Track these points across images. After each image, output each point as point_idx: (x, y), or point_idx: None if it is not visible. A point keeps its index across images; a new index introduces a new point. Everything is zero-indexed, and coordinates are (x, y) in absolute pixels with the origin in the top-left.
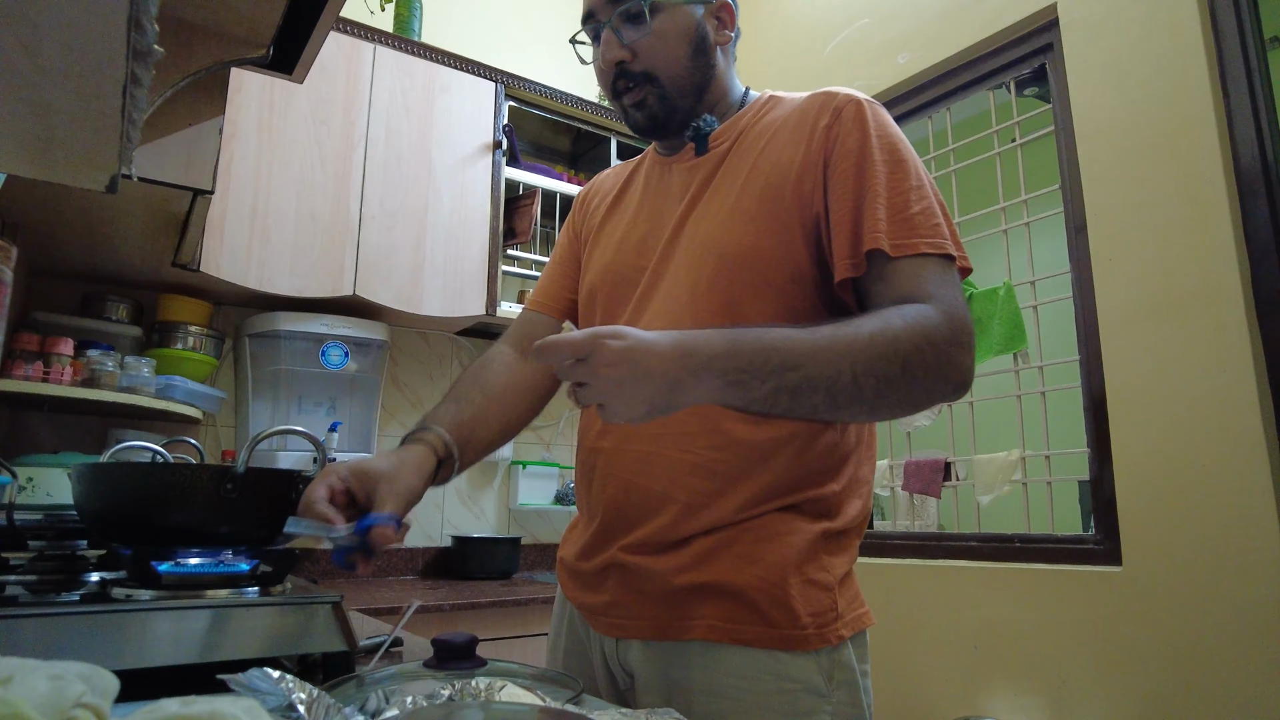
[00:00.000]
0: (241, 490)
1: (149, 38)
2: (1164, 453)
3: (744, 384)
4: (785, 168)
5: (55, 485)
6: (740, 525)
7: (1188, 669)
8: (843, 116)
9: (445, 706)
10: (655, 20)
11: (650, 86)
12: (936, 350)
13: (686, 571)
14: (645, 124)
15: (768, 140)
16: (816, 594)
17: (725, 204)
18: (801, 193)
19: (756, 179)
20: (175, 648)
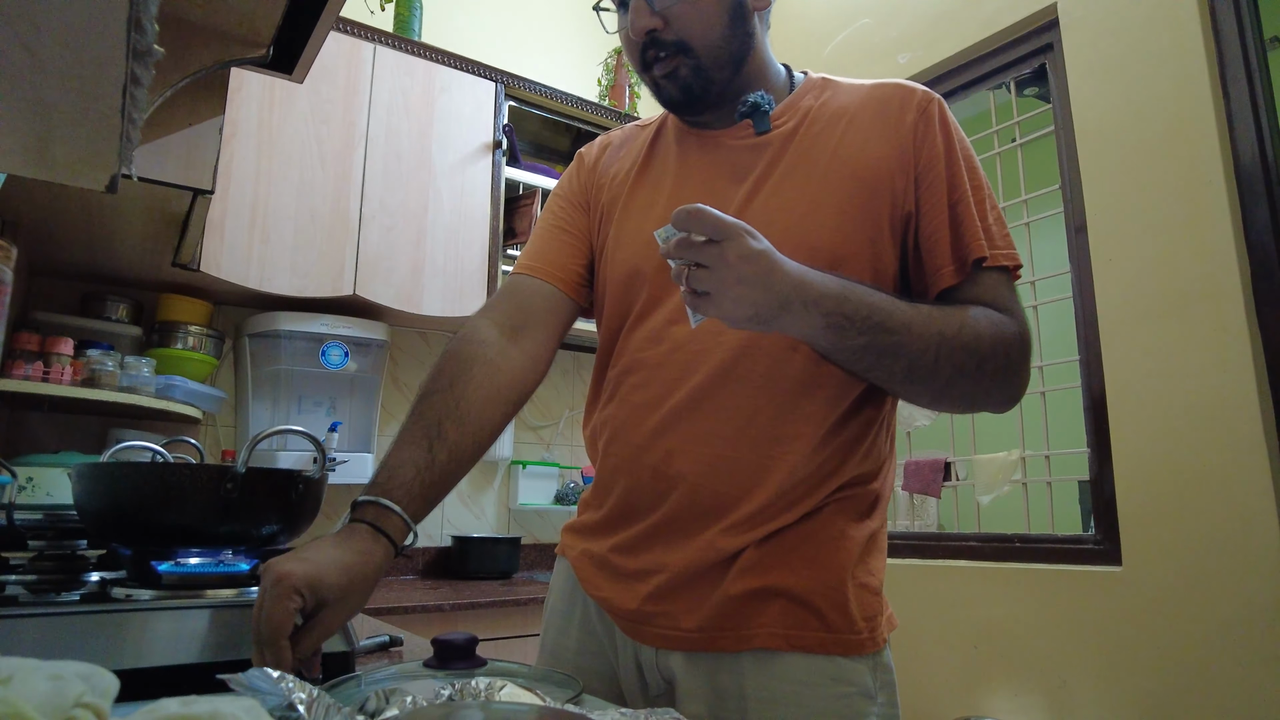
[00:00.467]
0: (241, 490)
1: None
2: (1164, 453)
3: (842, 329)
4: (875, 162)
5: (55, 485)
6: (797, 529)
7: (1187, 669)
8: (928, 115)
9: (445, 706)
10: None
11: (684, 57)
12: (1009, 359)
13: (745, 577)
14: (679, 97)
15: (844, 129)
16: (868, 597)
17: (805, 193)
18: (895, 190)
19: (840, 170)
20: (175, 648)
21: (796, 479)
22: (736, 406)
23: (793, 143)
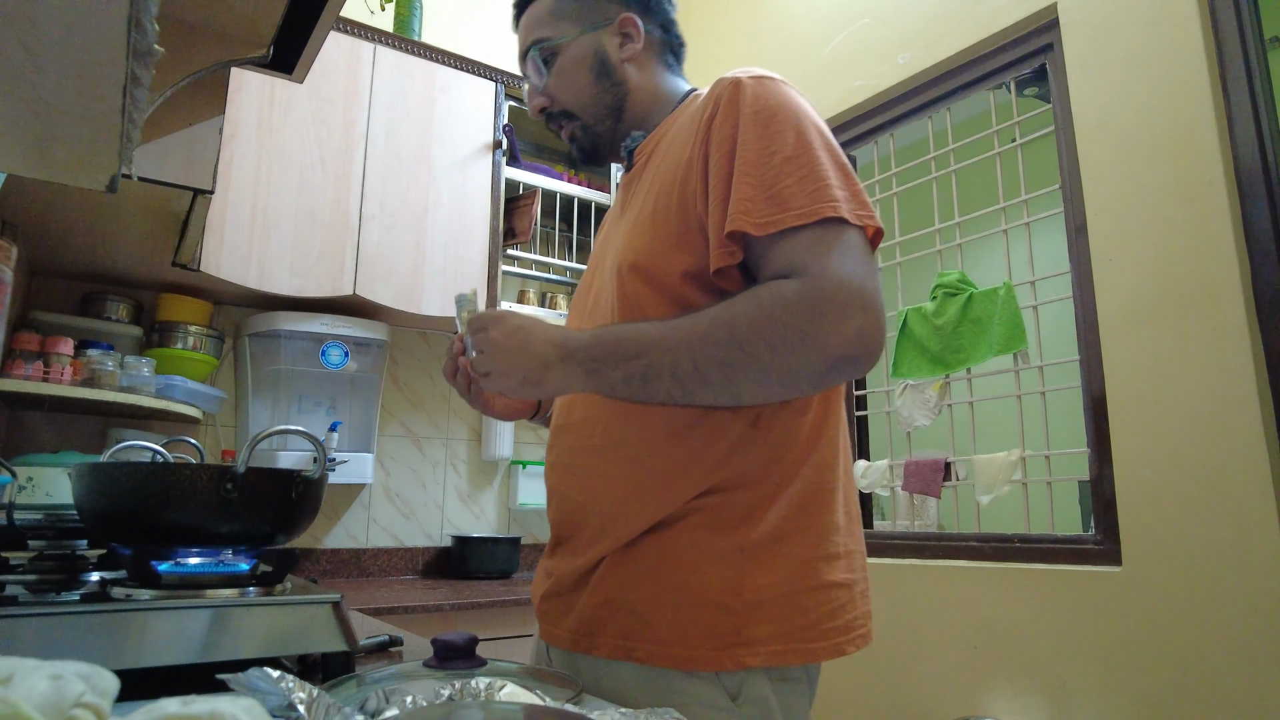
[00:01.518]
0: (241, 490)
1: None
2: (1164, 453)
3: (599, 372)
4: (673, 171)
5: (55, 485)
6: (649, 539)
7: (1187, 669)
8: (720, 103)
9: (445, 706)
10: (554, 63)
11: (571, 122)
12: (782, 327)
13: (599, 587)
14: (580, 155)
15: (669, 147)
16: (714, 615)
17: (631, 216)
18: (685, 194)
19: (654, 188)
20: (175, 647)
21: (631, 486)
22: (589, 423)
23: (645, 169)
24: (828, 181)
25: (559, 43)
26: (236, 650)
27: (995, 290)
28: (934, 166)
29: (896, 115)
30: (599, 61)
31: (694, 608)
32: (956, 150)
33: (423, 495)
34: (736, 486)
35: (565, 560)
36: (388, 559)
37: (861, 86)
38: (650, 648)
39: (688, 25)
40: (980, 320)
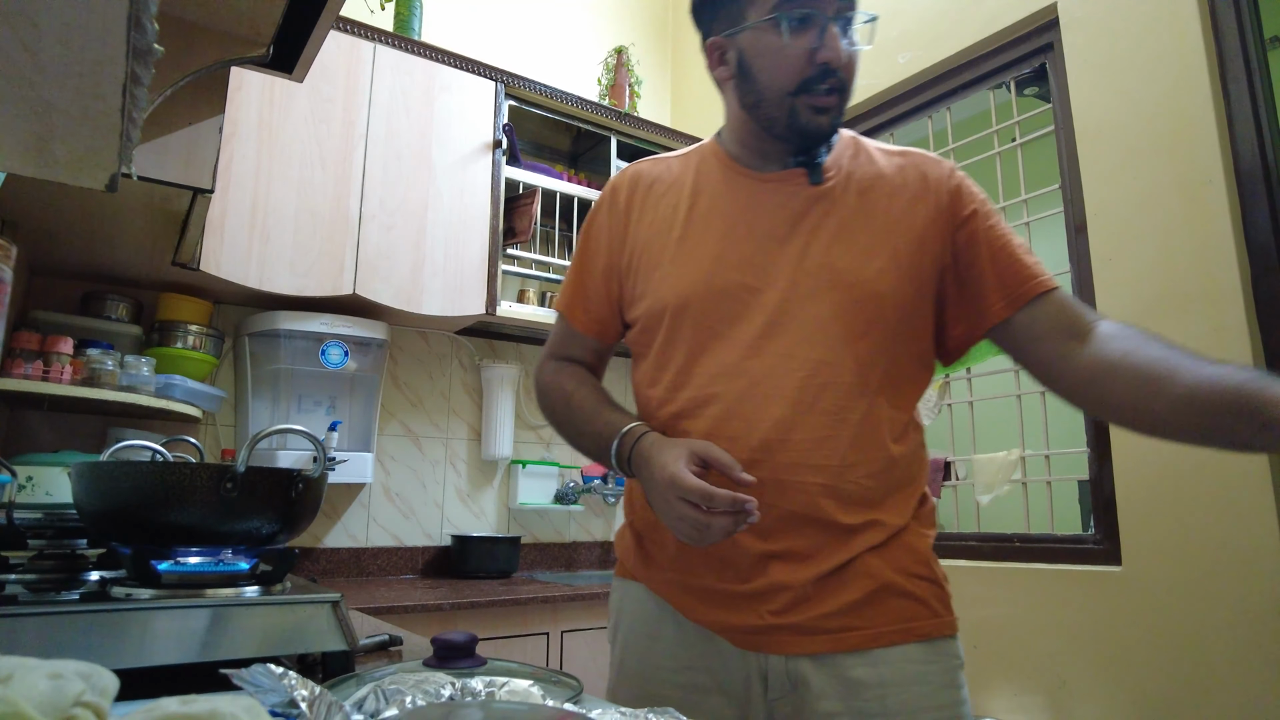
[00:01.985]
0: (241, 489)
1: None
2: (1164, 453)
3: None
4: (920, 225)
5: (55, 484)
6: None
7: (1187, 669)
8: (956, 183)
9: (445, 706)
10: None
11: (840, 99)
12: None
13: (862, 582)
14: (826, 132)
15: (889, 192)
16: (942, 586)
17: (861, 245)
18: (935, 250)
19: (892, 228)
20: (175, 647)
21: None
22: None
23: (844, 198)
24: None
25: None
26: (236, 649)
27: None
28: None
29: (896, 115)
30: None
31: (935, 583)
32: (956, 150)
33: (422, 495)
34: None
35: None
36: (387, 558)
37: (861, 86)
38: (932, 622)
39: (687, 25)
40: None
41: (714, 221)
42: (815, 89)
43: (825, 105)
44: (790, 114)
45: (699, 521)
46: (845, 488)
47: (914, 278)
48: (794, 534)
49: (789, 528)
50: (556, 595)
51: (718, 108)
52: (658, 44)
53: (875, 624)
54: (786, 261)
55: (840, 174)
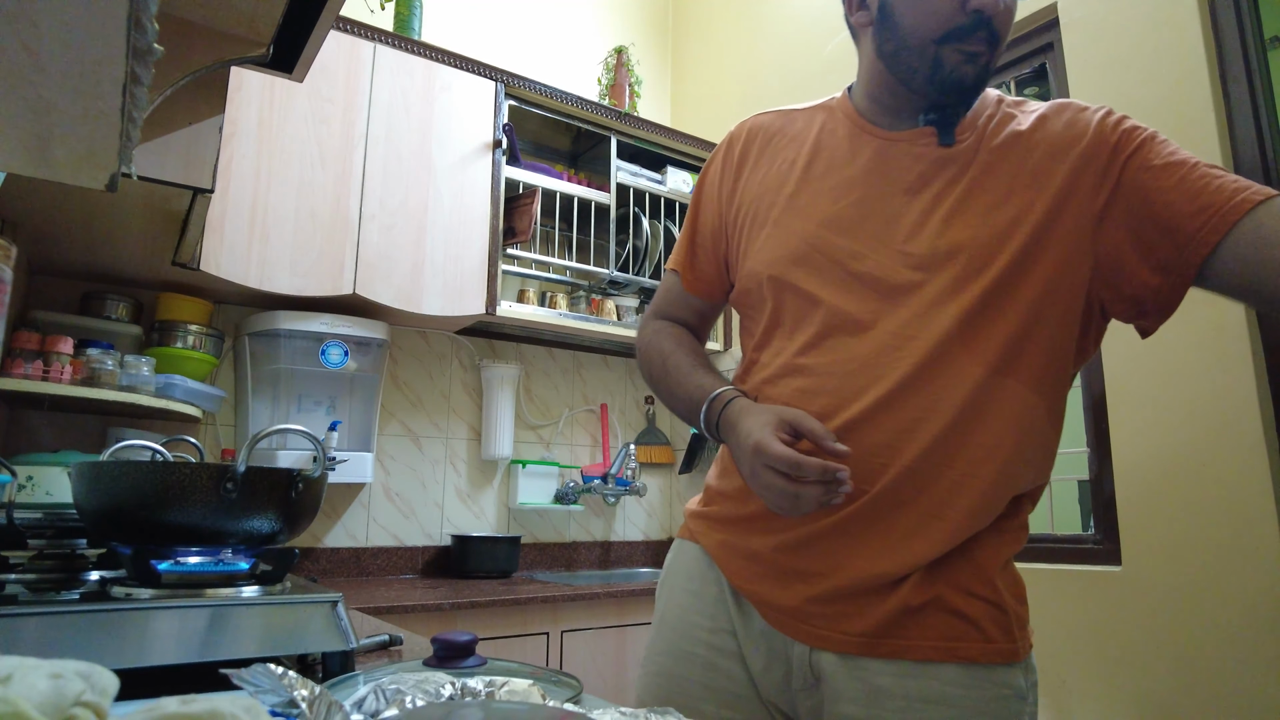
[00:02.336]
0: (241, 489)
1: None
2: (1163, 452)
3: None
4: (1062, 182)
5: (55, 484)
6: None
7: (1187, 669)
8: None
9: (445, 706)
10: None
11: (993, 53)
12: None
13: (912, 590)
14: (972, 84)
15: (1028, 150)
16: (1020, 608)
17: (988, 212)
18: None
19: (1029, 190)
20: (175, 646)
21: (984, 501)
22: (923, 421)
23: (976, 160)
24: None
25: None
26: (236, 649)
27: None
28: None
29: None
30: None
31: (1003, 603)
32: None
33: (422, 494)
34: (1022, 501)
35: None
36: (387, 558)
37: None
38: (980, 646)
39: (687, 25)
40: None
41: (830, 180)
42: (967, 37)
43: (975, 52)
44: (934, 63)
45: (788, 491)
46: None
47: (1056, 243)
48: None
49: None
50: (556, 595)
51: (717, 108)
52: (658, 44)
53: (911, 636)
54: (902, 229)
55: (975, 134)
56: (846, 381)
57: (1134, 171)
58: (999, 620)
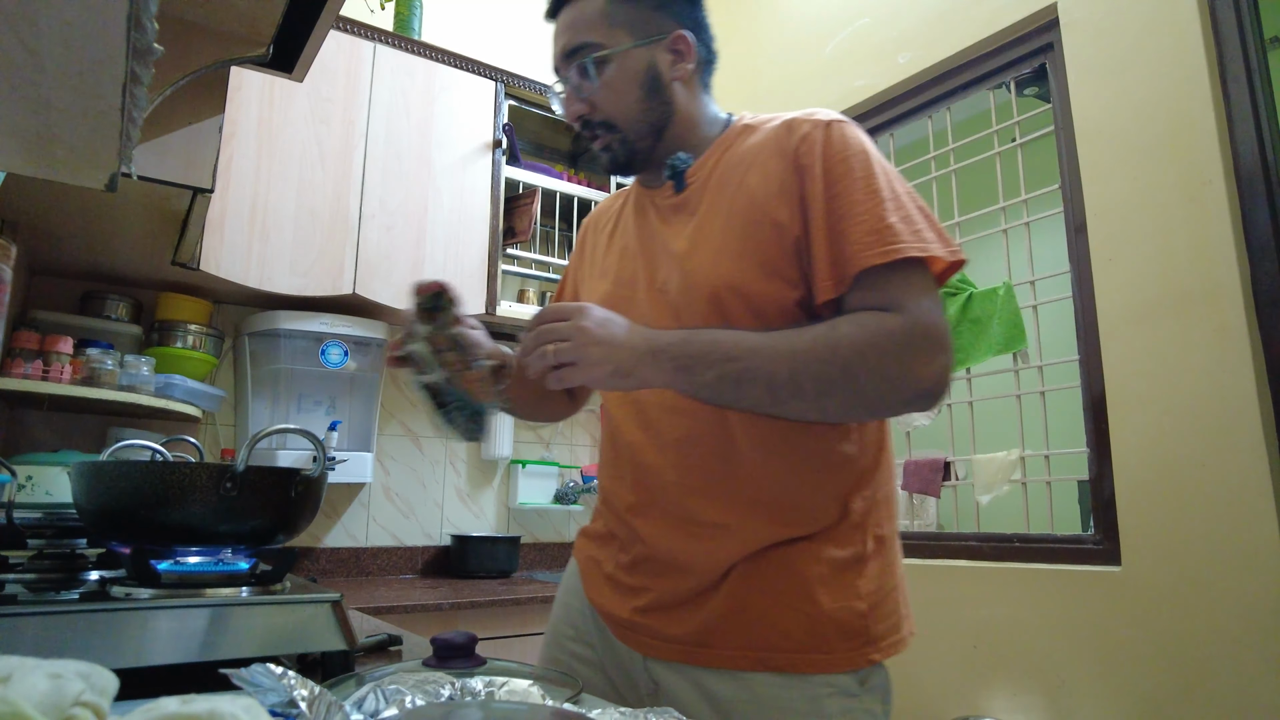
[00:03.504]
0: (241, 489)
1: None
2: (1163, 452)
3: (691, 369)
4: (761, 198)
5: (54, 484)
6: (773, 553)
7: (1186, 669)
8: (810, 140)
9: (445, 706)
10: (604, 73)
11: (611, 134)
12: (884, 357)
13: (724, 600)
14: (611, 167)
15: (743, 173)
16: (845, 618)
17: (711, 241)
18: (779, 221)
19: (737, 215)
20: (174, 646)
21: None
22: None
23: (705, 193)
24: (921, 225)
25: (612, 52)
26: (236, 649)
27: (995, 290)
28: (934, 166)
29: (896, 115)
30: (650, 78)
31: (826, 614)
32: (956, 150)
33: (422, 494)
34: (857, 498)
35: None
36: (387, 558)
37: (861, 86)
38: (791, 656)
39: None
40: (980, 320)
41: (616, 244)
42: (584, 139)
43: (601, 146)
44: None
45: None
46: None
47: (756, 259)
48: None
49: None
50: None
51: (717, 106)
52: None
53: (724, 645)
54: (647, 271)
55: (704, 172)
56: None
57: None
58: (816, 630)
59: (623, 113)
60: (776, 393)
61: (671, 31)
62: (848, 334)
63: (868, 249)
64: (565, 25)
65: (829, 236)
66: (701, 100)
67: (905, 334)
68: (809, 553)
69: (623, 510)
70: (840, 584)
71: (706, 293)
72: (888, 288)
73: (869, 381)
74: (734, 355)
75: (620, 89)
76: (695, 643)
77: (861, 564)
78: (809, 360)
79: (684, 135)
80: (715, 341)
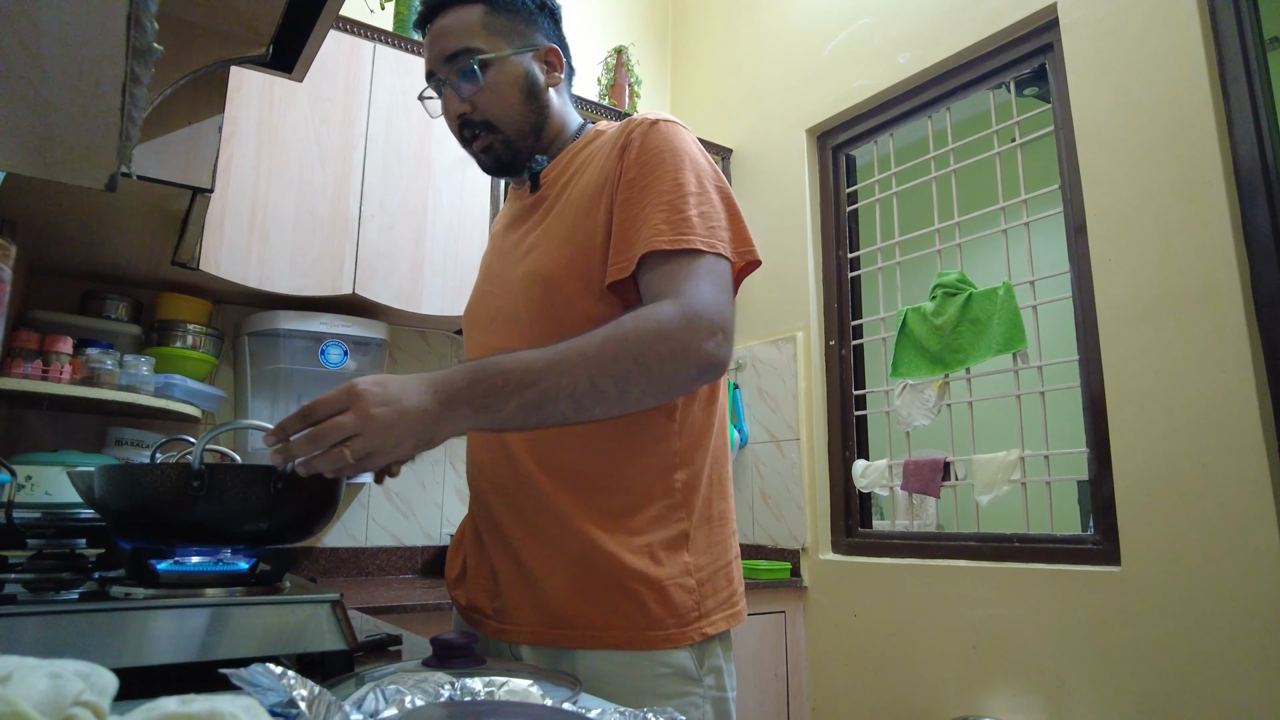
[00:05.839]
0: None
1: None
2: (1163, 453)
3: (490, 407)
4: (591, 197)
5: (54, 484)
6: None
7: (1186, 669)
8: (632, 138)
9: (445, 706)
10: (486, 75)
11: (492, 134)
12: (670, 340)
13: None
14: (493, 166)
15: (583, 171)
16: (677, 595)
17: (547, 235)
18: (598, 214)
19: (569, 209)
20: (174, 646)
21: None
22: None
23: (553, 191)
24: (719, 222)
25: (494, 56)
26: (235, 649)
27: (995, 290)
28: (934, 166)
29: (896, 115)
30: (529, 83)
31: (659, 592)
32: (956, 150)
33: (422, 494)
34: (676, 477)
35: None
36: (387, 558)
37: (861, 86)
38: (628, 634)
39: (687, 25)
40: (979, 320)
41: (495, 241)
42: (465, 138)
43: (482, 147)
44: (475, 160)
45: None
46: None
47: (575, 249)
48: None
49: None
50: None
51: (717, 108)
52: (658, 44)
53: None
54: (503, 265)
55: (555, 173)
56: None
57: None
58: (641, 606)
59: (504, 113)
60: (581, 402)
61: (543, 45)
62: (632, 328)
63: (658, 235)
64: (443, 31)
65: (627, 220)
66: (568, 109)
67: (681, 316)
68: (631, 530)
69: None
70: (668, 561)
71: (541, 283)
72: (672, 274)
73: (658, 364)
74: (529, 380)
75: (502, 91)
76: (545, 624)
77: (686, 540)
78: (603, 360)
79: (553, 139)
80: (506, 371)
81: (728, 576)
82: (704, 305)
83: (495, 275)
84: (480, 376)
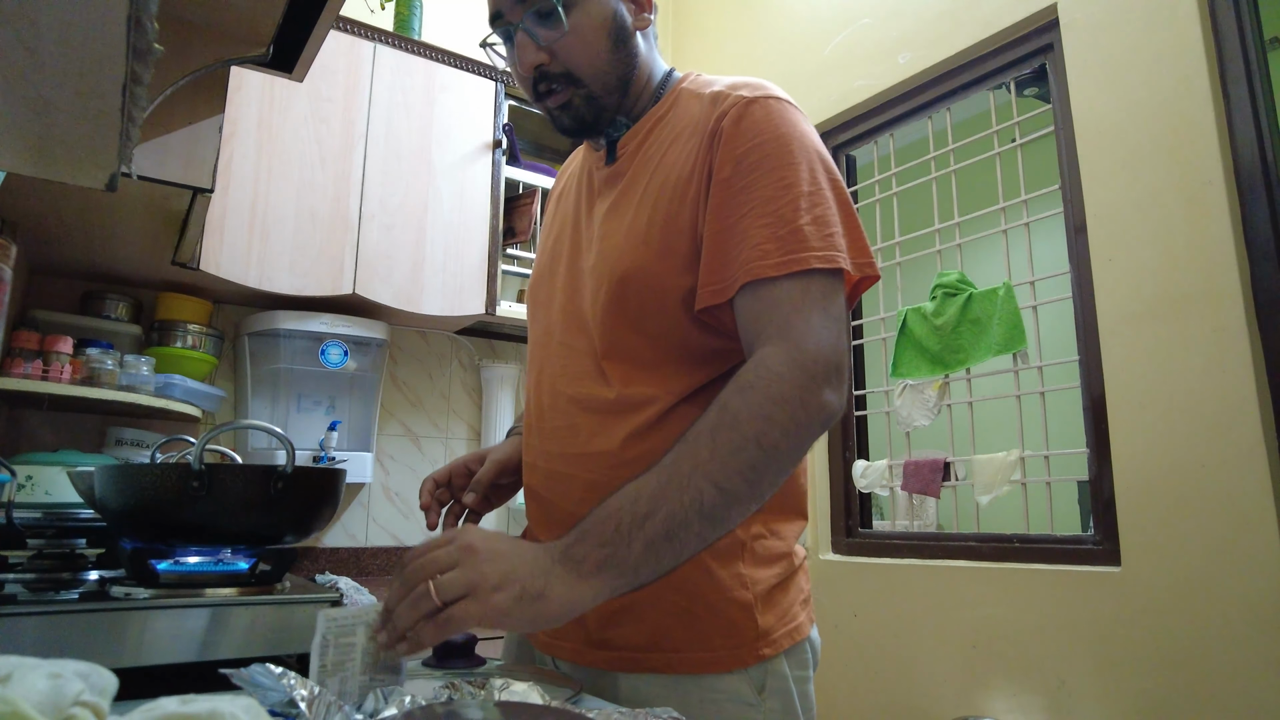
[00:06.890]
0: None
1: (149, 36)
2: (1163, 453)
3: (614, 557)
4: (675, 184)
5: (54, 484)
6: None
7: (1186, 669)
8: (724, 124)
9: (445, 706)
10: (570, 16)
11: (574, 88)
12: (788, 405)
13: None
14: (573, 127)
15: (666, 149)
16: (730, 613)
17: (624, 222)
18: (691, 213)
19: (649, 198)
20: (174, 646)
21: None
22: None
23: (631, 167)
24: (835, 227)
25: None
26: (235, 649)
27: (995, 290)
28: (934, 166)
29: (896, 115)
30: (618, 26)
31: (708, 610)
32: (956, 150)
33: None
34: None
35: None
36: (387, 558)
37: (861, 86)
38: (669, 656)
39: (687, 25)
40: (980, 320)
41: (559, 214)
42: (540, 94)
43: (560, 103)
44: (550, 119)
45: None
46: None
47: (667, 254)
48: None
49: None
50: None
51: None
52: (658, 43)
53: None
54: (572, 249)
55: (634, 144)
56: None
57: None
58: (694, 628)
59: (589, 63)
60: (713, 516)
61: None
62: (742, 405)
63: (763, 258)
64: None
65: (723, 232)
66: (655, 57)
67: (793, 367)
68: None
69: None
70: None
71: (610, 285)
72: (777, 304)
73: (783, 439)
74: (645, 511)
75: (588, 36)
76: (589, 644)
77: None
78: (723, 458)
79: (640, 94)
80: (615, 512)
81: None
82: (816, 345)
83: (561, 255)
84: (588, 528)
